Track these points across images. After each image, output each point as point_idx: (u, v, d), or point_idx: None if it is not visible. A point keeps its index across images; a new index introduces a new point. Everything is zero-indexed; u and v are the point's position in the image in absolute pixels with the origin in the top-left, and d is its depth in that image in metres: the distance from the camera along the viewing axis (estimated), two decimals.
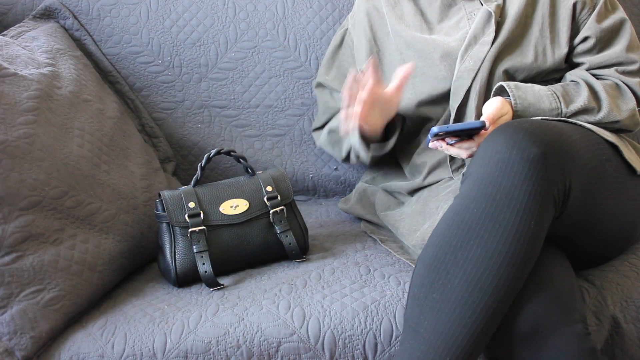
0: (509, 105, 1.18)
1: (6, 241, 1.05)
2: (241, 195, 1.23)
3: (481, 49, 1.24)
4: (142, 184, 1.31)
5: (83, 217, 1.16)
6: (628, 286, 1.12)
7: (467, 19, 1.28)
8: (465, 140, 1.12)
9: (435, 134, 1.08)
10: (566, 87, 1.23)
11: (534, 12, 1.26)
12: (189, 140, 1.58)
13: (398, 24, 1.33)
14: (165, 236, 1.20)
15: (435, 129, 1.07)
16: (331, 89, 1.45)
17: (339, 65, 1.45)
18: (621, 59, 1.25)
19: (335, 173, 1.59)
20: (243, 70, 1.57)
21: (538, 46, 1.25)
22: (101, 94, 1.38)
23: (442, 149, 1.15)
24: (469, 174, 0.99)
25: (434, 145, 1.14)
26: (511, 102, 1.18)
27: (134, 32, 1.55)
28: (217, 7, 1.57)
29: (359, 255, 1.26)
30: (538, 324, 0.95)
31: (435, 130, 1.07)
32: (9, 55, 1.23)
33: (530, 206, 0.93)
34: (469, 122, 1.08)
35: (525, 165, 0.94)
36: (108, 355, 1.04)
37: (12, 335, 1.03)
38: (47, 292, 1.07)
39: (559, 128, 1.03)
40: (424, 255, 0.98)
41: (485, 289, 0.92)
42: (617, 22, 1.27)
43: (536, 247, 0.95)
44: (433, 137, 1.10)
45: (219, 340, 1.05)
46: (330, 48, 1.47)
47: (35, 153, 1.11)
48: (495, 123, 1.14)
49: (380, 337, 1.07)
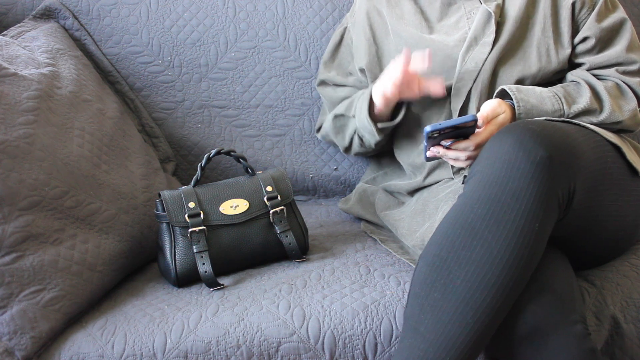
0: (507, 106, 1.17)
1: (6, 241, 1.05)
2: (241, 195, 1.23)
3: (482, 50, 1.24)
4: (142, 184, 1.31)
5: (83, 217, 1.16)
6: (628, 286, 1.12)
7: (466, 18, 1.28)
8: (461, 141, 1.12)
9: (428, 133, 1.07)
10: (567, 88, 1.23)
11: (535, 13, 1.25)
12: (189, 140, 1.58)
13: (398, 24, 1.33)
14: (165, 236, 1.20)
15: (428, 128, 1.06)
16: (334, 84, 1.45)
17: (339, 63, 1.46)
18: (621, 59, 1.25)
19: (335, 173, 1.59)
20: (243, 70, 1.57)
21: (541, 47, 1.24)
22: (101, 94, 1.38)
23: (440, 155, 1.15)
24: (473, 174, 0.99)
25: (431, 153, 1.15)
26: (510, 104, 1.18)
27: (134, 32, 1.55)
28: (217, 7, 1.57)
29: (359, 255, 1.26)
30: (538, 324, 0.95)
31: (428, 129, 1.07)
32: (9, 55, 1.23)
33: (535, 208, 0.93)
34: (460, 118, 1.08)
35: (532, 167, 0.93)
36: (108, 355, 1.04)
37: (12, 335, 1.03)
38: (47, 292, 1.07)
39: (565, 130, 1.02)
40: (426, 254, 0.98)
41: (488, 289, 0.92)
42: (618, 21, 1.27)
43: (539, 249, 0.95)
44: (428, 141, 1.10)
45: (219, 340, 1.05)
46: (330, 46, 1.47)
47: (35, 153, 1.11)
48: (490, 123, 1.14)
49: (380, 337, 1.06)
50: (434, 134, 1.08)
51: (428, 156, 1.16)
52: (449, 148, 1.14)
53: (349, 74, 1.44)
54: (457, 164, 1.17)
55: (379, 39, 1.36)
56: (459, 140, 1.13)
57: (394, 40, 1.33)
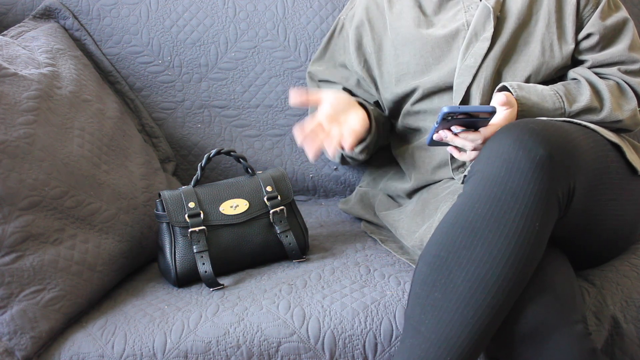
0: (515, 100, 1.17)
1: (6, 241, 1.05)
2: (241, 195, 1.23)
3: (482, 45, 1.23)
4: (142, 184, 1.31)
5: (83, 217, 1.16)
6: (628, 286, 1.12)
7: (464, 12, 1.28)
8: (471, 132, 1.10)
9: (445, 114, 1.04)
10: (568, 87, 1.23)
11: (539, 9, 1.25)
12: (189, 140, 1.58)
13: (396, 20, 1.33)
14: (165, 236, 1.20)
15: (445, 109, 1.03)
16: (319, 81, 1.45)
17: (331, 56, 1.45)
18: (624, 58, 1.25)
19: (335, 173, 1.59)
20: (243, 70, 1.57)
21: (545, 42, 1.24)
22: (101, 94, 1.38)
23: (446, 140, 1.11)
24: (473, 173, 0.99)
25: (438, 136, 1.11)
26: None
27: (134, 32, 1.55)
28: (217, 7, 1.57)
29: (359, 255, 1.26)
30: (538, 324, 0.95)
31: (445, 110, 1.03)
32: (9, 55, 1.23)
33: (535, 208, 0.93)
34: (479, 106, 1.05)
35: (532, 166, 0.93)
36: (108, 355, 1.04)
37: (12, 335, 1.03)
38: (47, 292, 1.07)
39: (565, 129, 1.02)
40: (427, 254, 0.98)
41: (489, 289, 0.92)
42: (620, 20, 1.27)
43: (540, 248, 0.95)
44: (441, 122, 1.06)
45: (219, 340, 1.05)
46: (325, 38, 1.47)
47: (35, 153, 1.11)
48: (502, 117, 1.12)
49: (380, 337, 1.06)
50: (449, 116, 1.05)
51: (434, 138, 1.12)
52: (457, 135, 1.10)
53: (339, 65, 1.43)
54: (460, 156, 1.15)
55: (377, 34, 1.36)
56: (469, 131, 1.11)
57: (391, 37, 1.33)
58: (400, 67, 1.31)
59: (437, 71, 1.27)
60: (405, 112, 1.35)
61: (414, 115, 1.34)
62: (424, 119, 1.32)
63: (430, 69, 1.28)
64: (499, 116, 1.12)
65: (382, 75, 1.36)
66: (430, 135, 1.12)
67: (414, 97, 1.31)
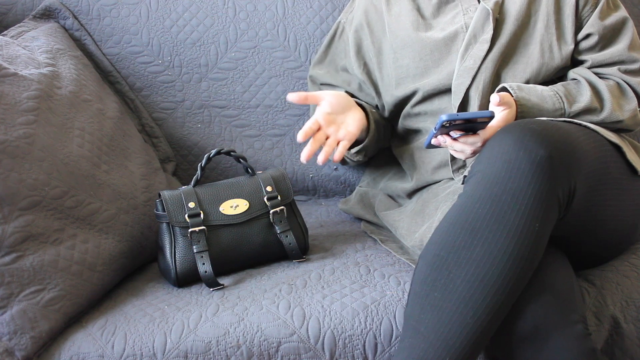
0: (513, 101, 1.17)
1: (6, 241, 1.05)
2: (241, 195, 1.23)
3: (481, 47, 1.23)
4: (142, 184, 1.31)
5: (83, 217, 1.16)
6: (628, 286, 1.12)
7: (462, 14, 1.28)
8: (470, 135, 1.11)
9: (443, 122, 1.04)
10: (568, 87, 1.23)
11: (538, 10, 1.25)
12: (189, 140, 1.58)
13: (395, 23, 1.33)
14: (165, 236, 1.20)
15: (444, 117, 1.03)
16: (321, 84, 1.45)
17: (332, 59, 1.45)
18: (623, 57, 1.25)
19: (335, 173, 1.59)
20: (243, 70, 1.57)
21: (544, 43, 1.24)
22: (101, 94, 1.38)
23: (445, 145, 1.12)
24: (473, 173, 0.99)
25: (437, 141, 1.11)
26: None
27: (134, 32, 1.55)
28: (217, 7, 1.57)
29: (359, 255, 1.26)
30: (538, 324, 0.95)
31: (444, 117, 1.03)
32: (9, 55, 1.23)
33: (535, 208, 0.93)
34: (477, 112, 1.06)
35: (532, 166, 0.93)
36: (108, 355, 1.04)
37: (12, 335, 1.03)
38: (47, 292, 1.07)
39: (565, 129, 1.02)
40: (427, 253, 0.98)
41: (488, 289, 0.92)
42: (620, 20, 1.27)
43: (540, 248, 0.95)
44: (440, 128, 1.07)
45: (219, 340, 1.05)
46: (325, 41, 1.47)
47: (35, 153, 1.11)
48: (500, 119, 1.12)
49: (380, 337, 1.06)
50: (447, 123, 1.05)
51: (432, 143, 1.12)
52: (456, 140, 1.11)
53: (340, 69, 1.43)
54: (459, 156, 1.15)
55: (377, 37, 1.36)
56: (468, 135, 1.11)
57: (390, 39, 1.33)
58: (399, 70, 1.31)
59: (437, 74, 1.27)
60: (406, 113, 1.35)
61: (414, 117, 1.34)
62: (424, 120, 1.32)
63: (429, 72, 1.28)
64: (496, 117, 1.12)
65: (382, 78, 1.36)
66: (428, 140, 1.12)
67: (414, 100, 1.31)
